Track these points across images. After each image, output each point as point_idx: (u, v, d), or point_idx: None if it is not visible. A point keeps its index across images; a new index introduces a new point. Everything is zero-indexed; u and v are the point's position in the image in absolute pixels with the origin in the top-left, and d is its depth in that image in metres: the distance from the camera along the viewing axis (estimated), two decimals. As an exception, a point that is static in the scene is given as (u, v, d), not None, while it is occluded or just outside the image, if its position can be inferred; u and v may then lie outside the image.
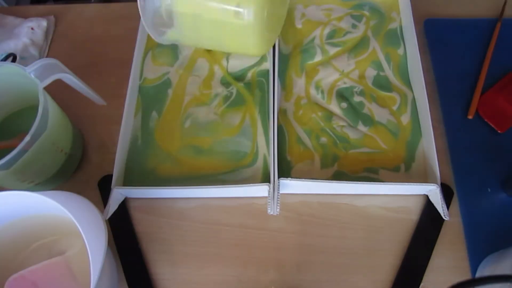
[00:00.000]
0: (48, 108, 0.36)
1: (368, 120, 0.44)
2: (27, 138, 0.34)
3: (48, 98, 0.37)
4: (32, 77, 0.36)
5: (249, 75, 0.47)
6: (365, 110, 0.44)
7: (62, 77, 0.38)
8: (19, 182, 0.38)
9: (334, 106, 0.45)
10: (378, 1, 0.51)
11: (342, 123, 0.44)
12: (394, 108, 0.45)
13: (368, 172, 0.41)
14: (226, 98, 0.45)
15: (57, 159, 0.40)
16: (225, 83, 0.47)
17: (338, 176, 0.41)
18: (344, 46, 0.48)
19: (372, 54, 0.48)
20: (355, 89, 0.45)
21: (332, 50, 0.48)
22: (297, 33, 0.50)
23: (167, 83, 0.47)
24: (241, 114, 0.44)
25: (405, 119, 0.44)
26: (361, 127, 0.43)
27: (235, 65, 0.47)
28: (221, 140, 0.43)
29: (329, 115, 0.44)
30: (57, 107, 0.40)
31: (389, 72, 0.47)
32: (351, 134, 0.43)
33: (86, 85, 0.41)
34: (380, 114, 0.44)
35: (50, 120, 0.36)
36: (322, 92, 0.46)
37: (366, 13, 0.51)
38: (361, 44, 0.48)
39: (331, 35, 0.49)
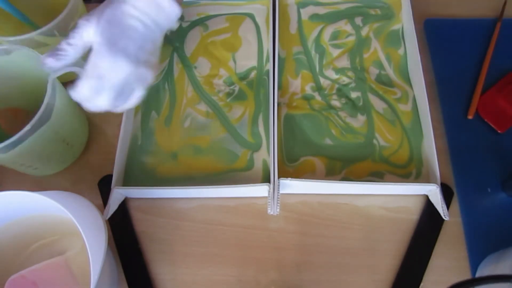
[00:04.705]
0: (55, 98, 0.36)
1: (367, 111, 0.44)
2: (28, 127, 0.34)
3: (59, 87, 0.38)
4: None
5: (252, 74, 0.47)
6: (364, 103, 0.45)
7: (75, 70, 0.38)
8: (18, 165, 0.38)
9: (334, 101, 0.45)
10: (389, 2, 0.51)
11: (343, 114, 0.44)
12: (394, 97, 0.45)
13: (373, 176, 0.41)
14: (229, 94, 0.46)
15: (59, 148, 0.40)
16: (228, 82, 0.47)
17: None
18: (345, 47, 0.49)
19: (373, 54, 0.48)
20: (352, 85, 0.46)
21: (335, 52, 0.48)
22: (291, 39, 0.50)
23: (166, 80, 0.47)
24: (242, 109, 0.45)
25: (404, 108, 0.44)
26: (360, 117, 0.44)
27: (242, 65, 0.48)
28: (219, 138, 0.43)
29: (327, 107, 0.45)
30: (68, 98, 0.40)
31: (390, 71, 0.47)
32: (355, 123, 0.43)
33: None
34: (378, 104, 0.45)
35: (56, 111, 0.37)
36: (320, 90, 0.46)
37: (378, 11, 0.51)
38: (362, 45, 0.48)
39: (334, 37, 0.49)
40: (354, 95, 0.45)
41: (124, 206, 0.41)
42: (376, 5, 0.51)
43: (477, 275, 0.37)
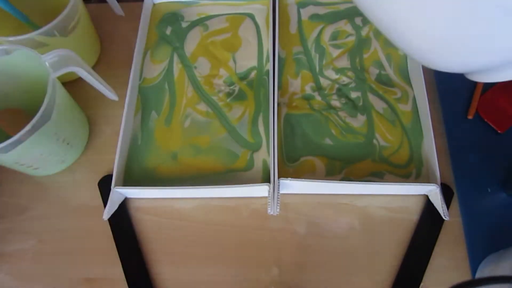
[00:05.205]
0: (54, 99, 0.36)
1: (367, 110, 0.44)
2: (28, 127, 0.34)
3: (59, 88, 0.38)
4: (46, 66, 0.36)
5: (252, 74, 0.47)
6: (364, 103, 0.45)
7: (76, 70, 0.38)
8: (18, 165, 0.38)
9: (334, 101, 0.45)
10: None
11: (343, 114, 0.44)
12: (394, 97, 0.45)
13: (373, 176, 0.41)
14: (229, 94, 0.46)
15: (59, 148, 0.40)
16: (228, 82, 0.47)
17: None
18: (345, 47, 0.49)
19: (373, 54, 0.48)
20: (352, 85, 0.46)
21: (335, 52, 0.48)
22: (291, 39, 0.50)
23: (166, 80, 0.47)
24: (242, 109, 0.45)
25: (404, 108, 0.44)
26: (360, 116, 0.44)
27: (242, 65, 0.48)
28: (219, 138, 0.43)
29: (327, 106, 0.45)
30: (68, 98, 0.40)
31: (390, 71, 0.47)
32: (355, 123, 0.43)
33: (101, 79, 0.41)
34: (378, 104, 0.45)
35: (56, 111, 0.36)
36: (320, 89, 0.46)
37: None
38: (362, 45, 0.48)
39: (334, 37, 0.49)
40: (354, 95, 0.45)
41: (124, 206, 0.41)
42: None
43: (477, 275, 0.37)
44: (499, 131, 0.43)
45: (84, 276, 0.38)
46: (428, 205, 0.40)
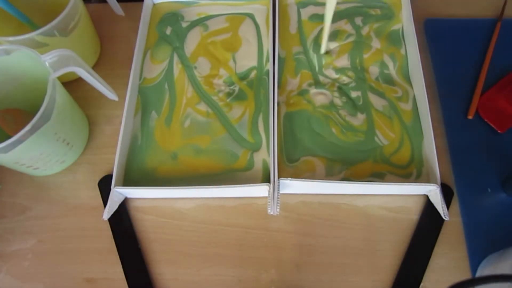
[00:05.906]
0: (55, 99, 0.36)
1: (367, 109, 0.44)
2: (28, 127, 0.34)
3: (59, 88, 0.38)
4: (46, 66, 0.36)
5: (252, 74, 0.47)
6: (364, 102, 0.45)
7: (75, 70, 0.38)
8: (18, 165, 0.38)
9: (335, 99, 0.45)
10: (389, 2, 0.52)
11: (343, 112, 0.44)
12: (395, 95, 0.45)
13: (373, 177, 0.41)
14: (229, 94, 0.46)
15: (59, 148, 0.40)
16: (228, 82, 0.47)
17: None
18: (345, 47, 0.49)
19: (374, 54, 0.48)
20: (352, 85, 0.46)
21: (335, 52, 0.48)
22: (291, 39, 0.50)
23: (166, 80, 0.47)
24: (242, 109, 0.45)
25: (405, 107, 0.44)
26: (360, 115, 0.44)
27: (242, 65, 0.48)
28: (219, 138, 0.43)
29: (329, 104, 0.45)
30: (68, 98, 0.40)
31: (390, 71, 0.47)
32: (355, 122, 0.43)
33: (101, 79, 0.41)
34: (378, 103, 0.45)
35: (56, 111, 0.36)
36: (318, 85, 0.46)
37: (378, 11, 0.51)
38: (362, 45, 0.48)
39: (334, 37, 0.49)
40: (354, 94, 0.45)
41: (124, 206, 0.41)
42: (376, 5, 0.51)
43: (477, 275, 0.37)
44: (499, 131, 0.43)
45: (84, 276, 0.38)
46: (428, 205, 0.40)
